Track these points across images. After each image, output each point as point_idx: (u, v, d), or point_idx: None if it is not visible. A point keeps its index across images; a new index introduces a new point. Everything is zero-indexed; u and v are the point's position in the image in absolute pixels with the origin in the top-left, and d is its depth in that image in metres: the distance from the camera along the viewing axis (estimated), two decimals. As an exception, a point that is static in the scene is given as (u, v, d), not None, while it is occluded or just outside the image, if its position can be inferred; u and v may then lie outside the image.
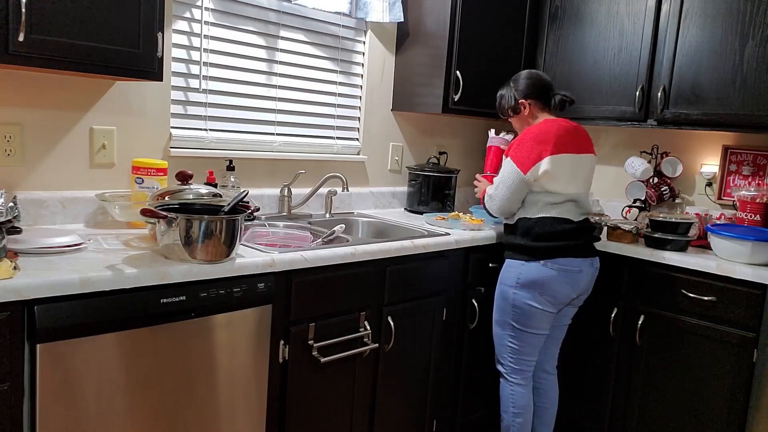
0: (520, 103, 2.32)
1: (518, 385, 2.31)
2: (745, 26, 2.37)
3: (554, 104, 2.32)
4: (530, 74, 2.35)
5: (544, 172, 2.16)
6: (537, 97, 2.31)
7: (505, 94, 2.37)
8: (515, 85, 2.34)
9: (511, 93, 2.34)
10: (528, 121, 2.34)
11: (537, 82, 2.32)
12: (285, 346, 1.89)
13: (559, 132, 2.19)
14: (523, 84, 2.32)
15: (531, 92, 2.31)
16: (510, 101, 2.35)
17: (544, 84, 2.32)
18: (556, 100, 2.31)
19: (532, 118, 2.32)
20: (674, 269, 2.33)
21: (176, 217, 1.59)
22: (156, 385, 1.60)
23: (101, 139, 2.08)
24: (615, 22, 2.75)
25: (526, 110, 2.31)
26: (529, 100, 2.31)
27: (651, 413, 2.43)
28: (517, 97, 2.32)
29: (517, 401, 2.31)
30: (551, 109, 2.33)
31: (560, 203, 2.20)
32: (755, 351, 2.15)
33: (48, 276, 1.39)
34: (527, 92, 2.31)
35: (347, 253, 1.98)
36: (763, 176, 2.66)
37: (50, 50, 1.60)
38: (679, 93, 2.55)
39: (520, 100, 2.31)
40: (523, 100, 2.31)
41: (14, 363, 1.37)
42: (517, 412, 2.31)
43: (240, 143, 2.46)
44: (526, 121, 2.34)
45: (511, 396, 2.32)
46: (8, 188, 1.89)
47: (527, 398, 2.32)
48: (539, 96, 2.31)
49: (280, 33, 2.54)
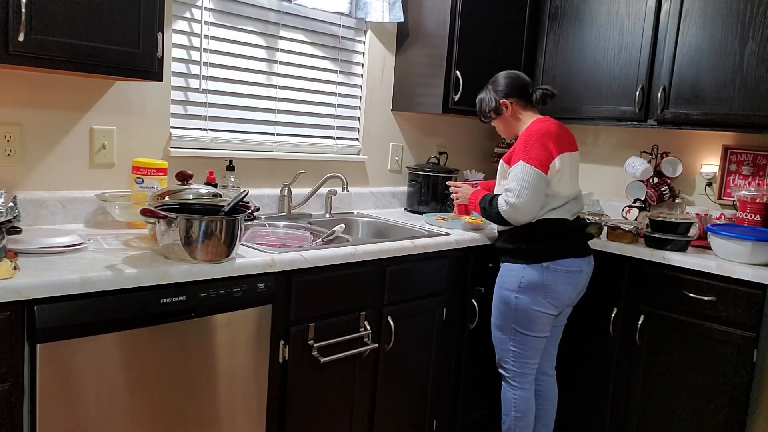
0: (502, 103, 2.26)
1: (521, 389, 2.29)
2: (745, 26, 2.37)
3: (536, 99, 2.26)
4: (508, 74, 2.30)
5: (557, 172, 2.13)
6: (518, 96, 2.26)
7: (485, 97, 2.32)
8: (494, 86, 2.29)
9: (491, 95, 2.29)
10: (511, 121, 2.29)
11: (516, 80, 2.27)
12: (285, 346, 1.89)
13: (558, 131, 2.17)
14: (503, 83, 2.27)
15: (511, 91, 2.26)
16: (491, 103, 2.29)
17: (523, 81, 2.28)
18: (538, 95, 2.26)
19: (515, 117, 2.28)
20: (674, 269, 2.33)
21: (176, 217, 1.59)
22: (156, 385, 1.60)
23: (101, 139, 2.08)
24: (615, 22, 2.75)
25: (509, 110, 2.26)
26: (510, 99, 2.25)
27: (651, 413, 2.43)
28: (497, 98, 2.27)
29: (520, 405, 2.29)
30: (533, 105, 2.28)
31: (562, 205, 2.18)
32: (755, 351, 2.15)
33: (48, 276, 1.39)
34: (507, 91, 2.26)
35: (347, 253, 1.98)
36: (763, 176, 2.66)
37: (50, 50, 1.60)
38: (679, 93, 2.55)
39: (501, 100, 2.26)
40: (504, 100, 2.26)
41: (14, 363, 1.37)
42: (520, 416, 2.29)
43: (240, 143, 2.46)
44: (509, 122, 2.29)
45: (513, 400, 2.29)
46: (8, 188, 1.89)
47: (529, 402, 2.30)
48: (520, 94, 2.26)
49: (280, 33, 2.54)
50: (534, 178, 2.09)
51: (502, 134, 2.38)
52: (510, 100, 2.26)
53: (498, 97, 2.27)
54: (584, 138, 3.25)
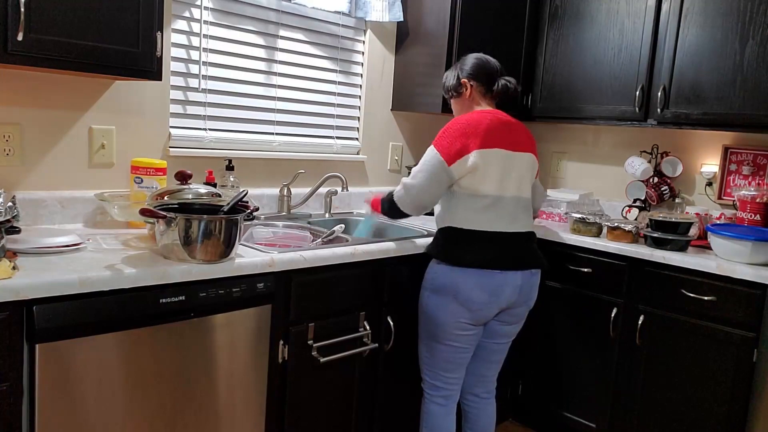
0: (462, 82, 2.12)
1: (434, 403, 2.09)
2: (745, 26, 2.37)
3: (497, 89, 2.11)
4: (478, 56, 2.16)
5: (472, 166, 1.94)
6: (481, 81, 2.11)
7: (449, 74, 2.18)
8: (461, 64, 2.16)
9: (455, 72, 2.15)
10: (467, 106, 2.15)
11: (484, 64, 2.13)
12: (284, 346, 1.89)
13: (491, 125, 1.99)
14: (469, 64, 2.13)
15: (475, 73, 2.12)
16: (453, 80, 2.16)
17: (491, 68, 2.13)
18: (499, 85, 2.11)
19: (471, 102, 2.13)
20: (674, 269, 2.33)
21: (175, 216, 1.58)
22: (155, 385, 1.60)
23: (100, 138, 2.08)
24: (615, 22, 2.75)
25: (467, 92, 2.12)
26: (471, 82, 2.11)
27: (651, 413, 2.42)
28: (460, 76, 2.13)
29: (430, 422, 2.10)
30: (493, 96, 2.14)
31: (489, 206, 1.97)
32: (755, 351, 2.15)
33: (47, 276, 1.39)
34: (471, 72, 2.12)
35: (347, 253, 1.98)
36: (763, 176, 2.66)
37: (49, 50, 1.59)
38: (679, 93, 2.55)
39: (463, 79, 2.12)
40: (465, 80, 2.12)
41: (13, 363, 1.37)
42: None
43: (239, 143, 2.46)
44: (465, 107, 2.15)
45: (425, 414, 2.12)
46: (7, 188, 1.89)
47: (445, 421, 2.09)
48: (483, 80, 2.12)
49: (280, 32, 2.53)
50: (434, 164, 1.96)
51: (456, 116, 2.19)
52: (472, 82, 2.12)
53: (461, 75, 2.13)
54: (584, 138, 3.25)
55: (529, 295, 2.06)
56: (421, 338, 2.09)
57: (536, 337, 2.76)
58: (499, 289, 1.95)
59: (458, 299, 1.94)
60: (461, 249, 1.95)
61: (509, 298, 1.99)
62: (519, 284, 1.99)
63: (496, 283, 1.94)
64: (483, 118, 2.00)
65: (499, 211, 1.98)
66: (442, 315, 1.98)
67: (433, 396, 2.10)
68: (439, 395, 2.09)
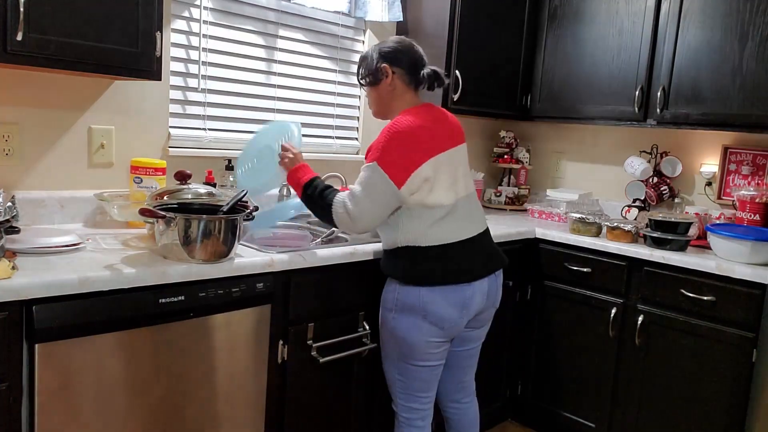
0: (383, 68, 1.84)
1: (414, 427, 1.93)
2: (744, 26, 2.37)
3: (422, 78, 1.87)
4: (402, 39, 1.90)
5: (424, 182, 1.74)
6: (405, 69, 1.85)
7: (368, 56, 1.89)
8: (381, 46, 1.87)
9: (376, 55, 1.86)
10: (386, 97, 1.89)
11: (409, 50, 1.87)
12: (284, 346, 1.89)
13: (431, 125, 1.79)
14: (391, 47, 1.86)
15: (399, 59, 1.85)
16: (372, 64, 1.87)
17: (416, 55, 1.88)
18: (425, 75, 1.86)
19: (392, 94, 1.88)
20: (674, 269, 2.33)
21: (175, 216, 1.58)
22: (154, 385, 1.60)
23: (100, 138, 2.07)
24: (614, 22, 2.75)
25: (388, 80, 1.85)
26: (394, 68, 1.85)
27: (650, 413, 2.42)
28: (380, 61, 1.85)
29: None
30: (417, 87, 1.90)
31: (445, 216, 1.79)
32: (755, 351, 2.15)
33: (46, 276, 1.39)
34: (393, 57, 1.85)
35: (346, 253, 1.98)
36: (762, 176, 2.66)
37: (48, 49, 1.59)
38: (679, 93, 2.55)
39: (383, 65, 1.84)
40: (386, 66, 1.84)
41: (13, 363, 1.37)
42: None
43: (239, 143, 2.45)
44: (384, 98, 1.90)
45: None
46: (6, 188, 1.89)
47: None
48: (408, 68, 1.86)
49: (279, 32, 2.53)
50: (384, 190, 1.72)
51: (371, 109, 1.98)
52: (394, 69, 1.85)
53: (383, 60, 1.85)
54: (584, 137, 3.25)
55: (496, 296, 1.95)
56: (390, 362, 1.91)
57: (536, 337, 2.77)
58: (469, 301, 1.82)
59: (428, 319, 1.79)
60: (426, 268, 1.78)
61: (478, 307, 1.87)
62: (486, 290, 1.88)
63: (465, 296, 1.81)
64: (418, 120, 1.78)
65: (456, 216, 1.82)
66: (415, 335, 1.80)
67: (411, 419, 1.92)
68: (417, 417, 1.93)
